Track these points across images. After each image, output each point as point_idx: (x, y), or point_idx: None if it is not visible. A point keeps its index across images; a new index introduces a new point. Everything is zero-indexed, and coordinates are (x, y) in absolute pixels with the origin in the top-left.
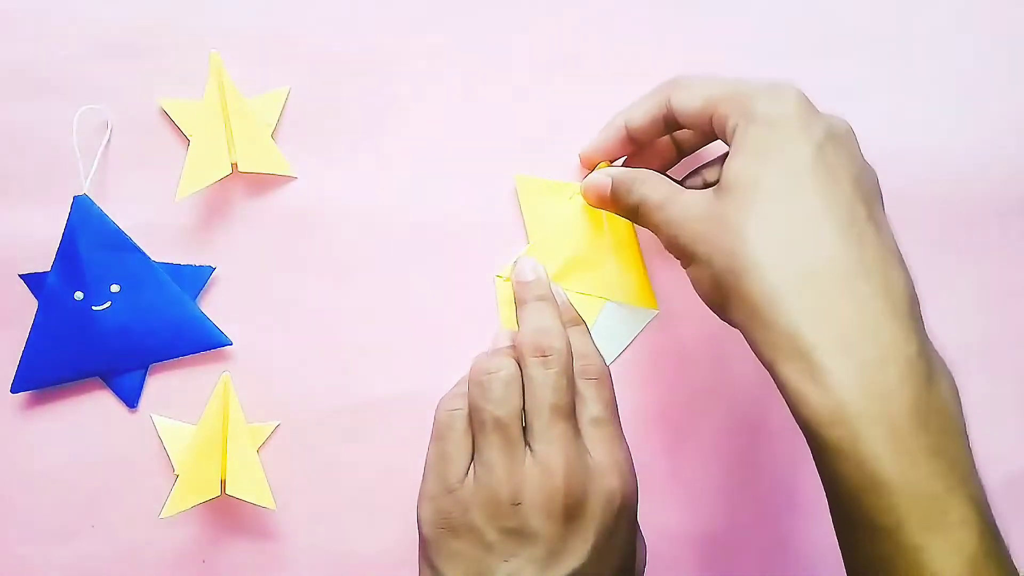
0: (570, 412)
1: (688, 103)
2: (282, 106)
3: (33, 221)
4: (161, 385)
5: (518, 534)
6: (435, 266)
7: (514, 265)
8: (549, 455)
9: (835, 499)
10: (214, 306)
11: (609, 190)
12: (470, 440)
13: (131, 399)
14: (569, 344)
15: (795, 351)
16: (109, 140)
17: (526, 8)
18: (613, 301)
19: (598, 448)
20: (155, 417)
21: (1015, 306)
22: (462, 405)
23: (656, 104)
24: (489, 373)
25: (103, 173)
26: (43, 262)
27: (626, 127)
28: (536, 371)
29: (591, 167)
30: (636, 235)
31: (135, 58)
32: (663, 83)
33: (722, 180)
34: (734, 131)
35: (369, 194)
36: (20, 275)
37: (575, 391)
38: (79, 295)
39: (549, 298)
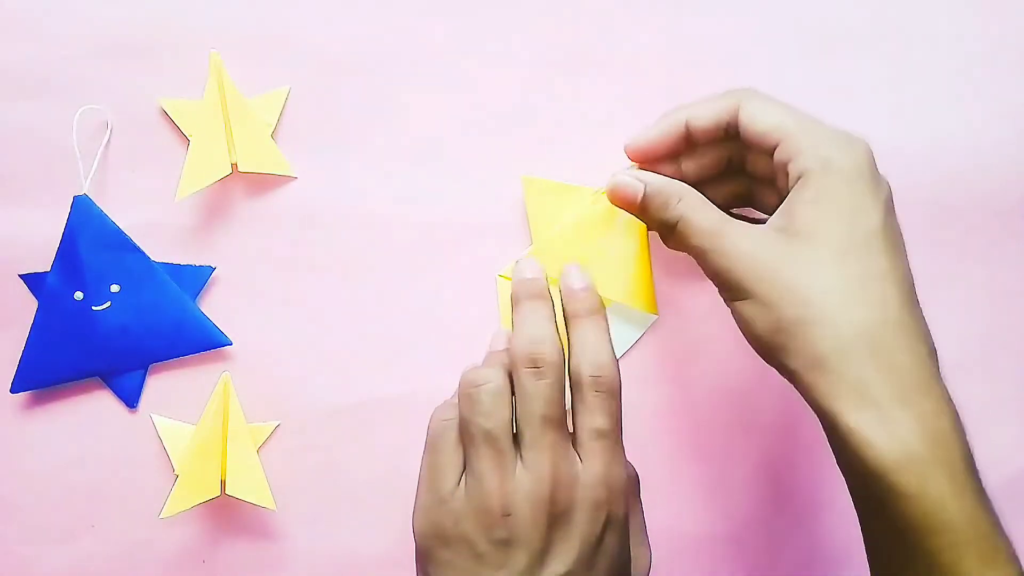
0: (561, 422)
1: (760, 119)
2: (282, 106)
3: (33, 221)
4: (161, 385)
5: (508, 544)
6: (435, 266)
7: (515, 264)
8: (538, 465)
9: (883, 542)
10: (214, 306)
11: (640, 198)
12: (461, 451)
13: (131, 399)
14: (562, 354)
15: (864, 401)
16: (109, 140)
17: (527, 8)
18: (616, 303)
19: (593, 460)
20: (155, 417)
21: (1015, 306)
22: (454, 415)
23: (726, 108)
24: (477, 386)
25: (103, 173)
26: (43, 262)
27: (687, 124)
28: (528, 382)
29: (639, 160)
30: (648, 240)
31: (135, 58)
32: (736, 89)
33: (793, 222)
34: (804, 174)
35: (369, 194)
36: (20, 275)
37: (581, 399)
38: (79, 295)
39: (545, 298)
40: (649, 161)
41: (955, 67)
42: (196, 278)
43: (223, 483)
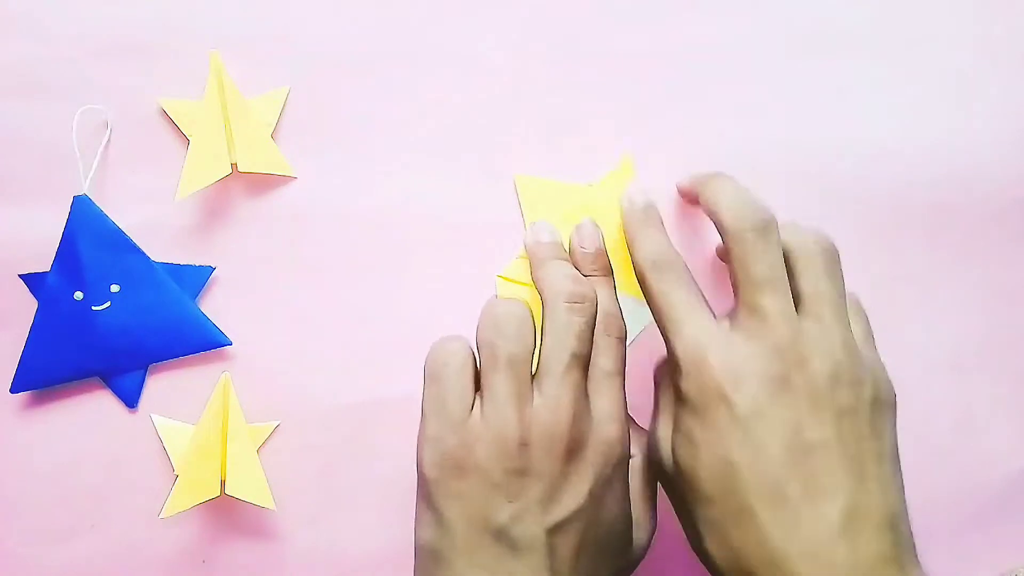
0: (586, 364)
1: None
2: (282, 106)
3: (33, 221)
4: (161, 385)
5: (523, 474)
6: (435, 266)
7: (529, 227)
8: (560, 399)
9: None
10: (214, 306)
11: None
12: (470, 379)
13: (131, 399)
14: (596, 300)
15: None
16: (109, 140)
17: (527, 8)
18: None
19: (604, 399)
20: (155, 417)
21: (1015, 306)
22: (457, 348)
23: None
24: (502, 312)
25: (103, 173)
26: (43, 262)
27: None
28: (565, 316)
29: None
30: None
31: (135, 58)
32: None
33: (675, 454)
34: (675, 402)
35: (369, 194)
36: (20, 275)
37: (600, 346)
38: (79, 295)
39: (565, 260)
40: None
41: (955, 67)
42: (196, 278)
43: (223, 483)
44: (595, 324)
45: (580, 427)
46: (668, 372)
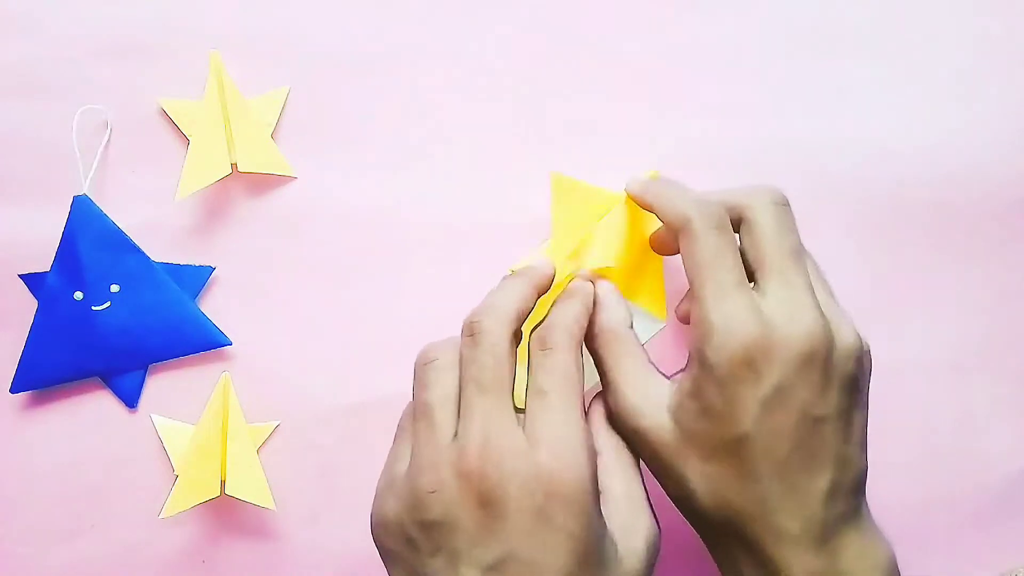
0: (499, 388)
1: (684, 263)
2: (282, 106)
3: (33, 221)
4: (161, 385)
5: (438, 526)
6: (435, 266)
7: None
8: (467, 434)
9: None
10: (214, 306)
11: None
12: (407, 433)
13: (131, 399)
14: (504, 324)
15: (725, 555)
16: (109, 140)
17: (528, 8)
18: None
19: (533, 422)
20: (155, 417)
21: (1015, 307)
22: (406, 412)
23: (674, 221)
24: (423, 363)
25: (103, 173)
26: (43, 262)
27: (653, 208)
28: (464, 350)
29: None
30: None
31: (135, 58)
32: (690, 207)
33: (677, 412)
34: (689, 359)
35: (369, 194)
36: (20, 275)
37: (533, 365)
38: (79, 295)
39: (531, 277)
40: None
41: (955, 67)
42: (196, 278)
43: (223, 483)
44: (501, 347)
45: (492, 459)
46: (694, 336)
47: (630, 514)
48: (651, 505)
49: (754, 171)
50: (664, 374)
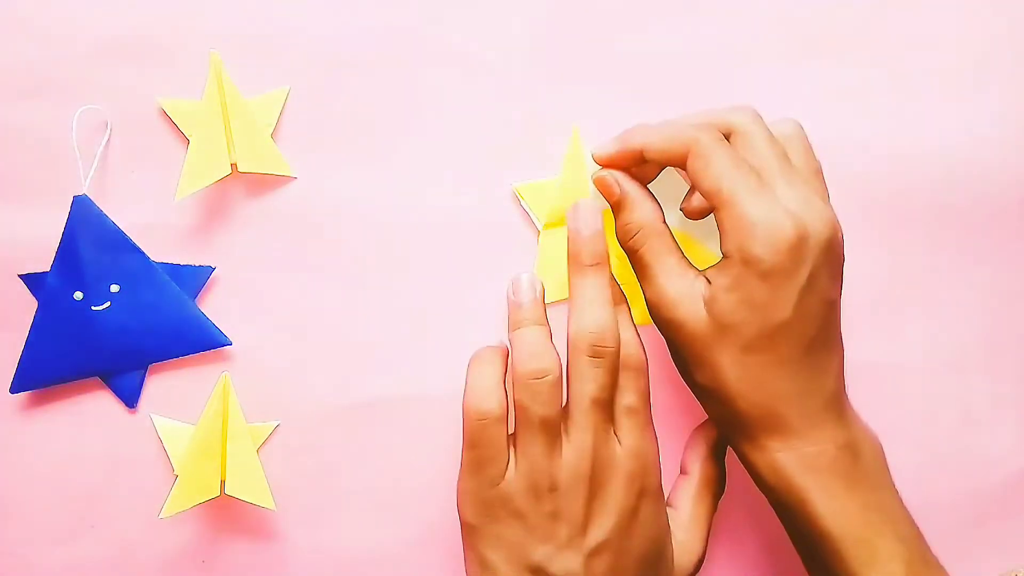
0: (607, 405)
1: (699, 180)
2: (282, 106)
3: (33, 221)
4: (161, 385)
5: (554, 516)
6: (435, 266)
7: (574, 210)
8: (582, 443)
9: (797, 544)
10: (214, 306)
11: (615, 198)
12: (504, 441)
13: (131, 399)
14: (619, 341)
15: (752, 444)
16: (109, 140)
17: (528, 8)
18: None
19: (627, 434)
20: (155, 417)
21: (1015, 306)
22: (488, 412)
23: (677, 152)
24: (537, 378)
25: (103, 173)
26: (43, 262)
27: (643, 151)
28: (586, 368)
29: (604, 166)
30: None
31: (135, 58)
32: (690, 128)
33: (713, 307)
34: (725, 257)
35: (369, 194)
36: (20, 275)
37: (621, 384)
38: (79, 295)
39: (604, 265)
40: (615, 167)
41: (955, 67)
42: (196, 278)
43: (223, 483)
44: (617, 366)
45: (601, 466)
46: (733, 236)
47: (690, 534)
48: (708, 536)
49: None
50: (696, 268)
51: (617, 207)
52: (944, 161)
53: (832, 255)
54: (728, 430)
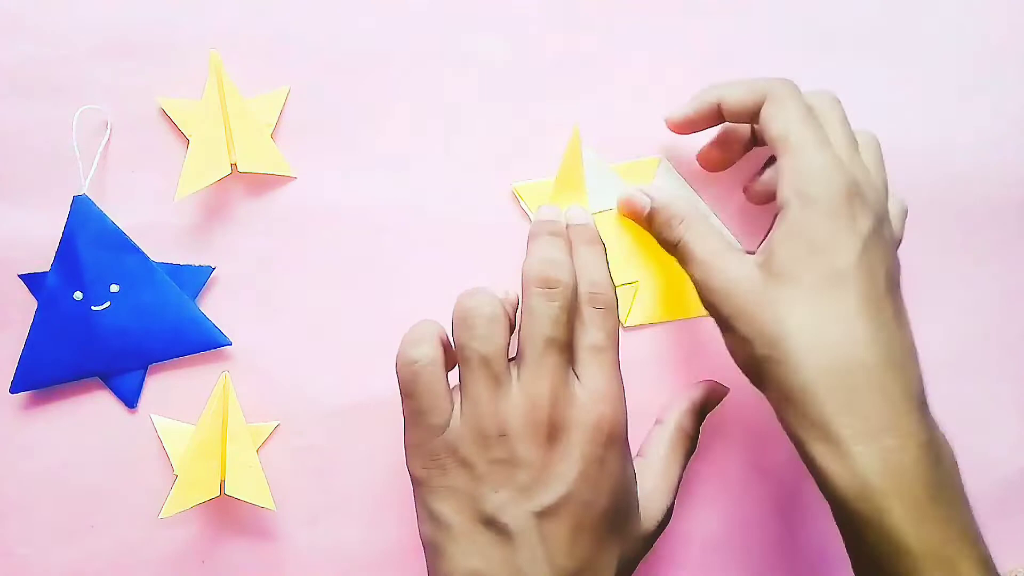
0: (564, 346)
1: (768, 125)
2: (282, 106)
3: (33, 221)
4: (161, 385)
5: (506, 463)
6: (435, 266)
7: (538, 210)
8: (536, 386)
9: (860, 562)
10: (214, 306)
11: (647, 213)
12: (442, 387)
13: (130, 399)
14: (574, 278)
15: (825, 437)
16: (109, 140)
17: (528, 8)
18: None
19: (592, 375)
20: (155, 417)
21: (1015, 306)
22: (419, 356)
23: (753, 99)
24: (471, 310)
25: (103, 173)
26: (43, 262)
27: (719, 104)
28: (538, 302)
29: (678, 132)
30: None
31: (135, 58)
32: (770, 81)
33: (769, 260)
34: (783, 205)
35: (369, 194)
36: (20, 275)
37: (579, 317)
38: (79, 295)
39: (562, 235)
40: (686, 132)
41: (957, 66)
42: (196, 278)
43: (223, 483)
44: (572, 304)
45: (560, 411)
46: (792, 179)
47: (659, 483)
48: (677, 488)
49: (754, 171)
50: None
51: (653, 213)
52: (943, 161)
53: (889, 232)
54: (798, 426)
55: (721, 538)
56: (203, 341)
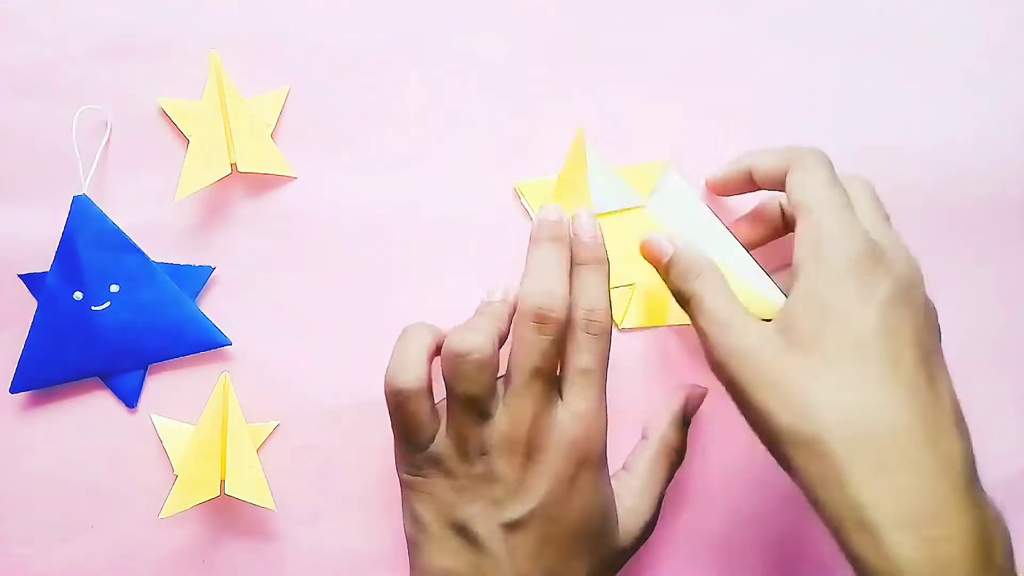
0: (550, 374)
1: (792, 192)
2: (282, 106)
3: (33, 221)
4: (161, 385)
5: (483, 478)
6: (435, 266)
7: (540, 209)
8: (520, 410)
9: None
10: (214, 306)
11: (666, 260)
12: (426, 411)
13: (130, 399)
14: (568, 308)
15: (860, 523)
16: (109, 140)
17: (528, 8)
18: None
19: (575, 396)
20: (155, 417)
21: (1015, 307)
22: (403, 385)
23: (780, 168)
24: (461, 356)
25: (103, 173)
26: (43, 262)
27: (751, 172)
28: (529, 333)
29: (716, 194)
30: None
31: (135, 58)
32: (798, 149)
33: (788, 326)
34: (799, 268)
35: (369, 194)
36: (20, 275)
37: (572, 339)
38: (79, 295)
39: (564, 242)
40: (724, 195)
41: (958, 66)
42: (196, 278)
43: (223, 483)
44: (563, 334)
45: (540, 433)
46: (809, 241)
47: (640, 499)
48: (660, 502)
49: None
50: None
51: (671, 261)
52: (944, 161)
53: (918, 299)
54: (830, 510)
55: (721, 538)
56: (203, 341)
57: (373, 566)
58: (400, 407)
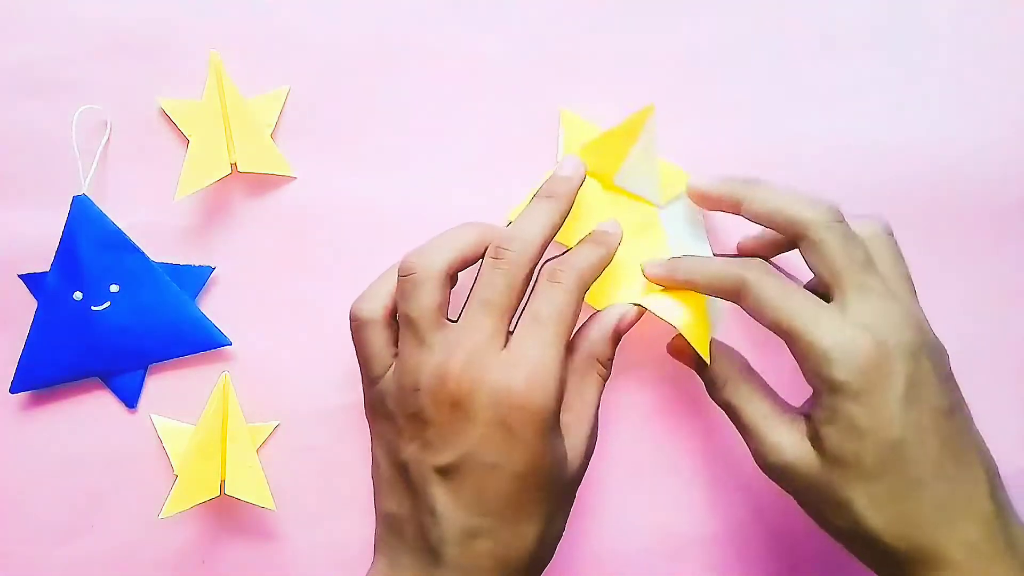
0: (503, 312)
1: (764, 311)
2: (282, 106)
3: (33, 221)
4: (161, 385)
5: (416, 417)
6: None
7: (562, 159)
8: (455, 342)
9: None
10: (214, 306)
11: (701, 367)
12: (379, 343)
13: (130, 399)
14: (529, 253)
15: None
16: (109, 140)
17: (528, 7)
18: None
19: (518, 341)
20: (155, 417)
21: (1014, 306)
22: (360, 313)
23: (727, 286)
24: (403, 271)
25: (103, 173)
26: (43, 262)
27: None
28: (486, 269)
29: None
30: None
31: (135, 58)
32: (734, 268)
33: (820, 442)
34: (814, 389)
35: (369, 194)
36: (20, 275)
37: (536, 287)
38: (78, 295)
39: (560, 199)
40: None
41: (955, 67)
42: (196, 278)
43: (223, 483)
44: (520, 278)
45: (470, 369)
46: (810, 367)
47: (570, 417)
48: (595, 417)
49: (753, 171)
50: (790, 405)
51: (708, 374)
52: (943, 160)
53: (928, 361)
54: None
55: (721, 538)
56: (203, 341)
57: None
58: (354, 334)
